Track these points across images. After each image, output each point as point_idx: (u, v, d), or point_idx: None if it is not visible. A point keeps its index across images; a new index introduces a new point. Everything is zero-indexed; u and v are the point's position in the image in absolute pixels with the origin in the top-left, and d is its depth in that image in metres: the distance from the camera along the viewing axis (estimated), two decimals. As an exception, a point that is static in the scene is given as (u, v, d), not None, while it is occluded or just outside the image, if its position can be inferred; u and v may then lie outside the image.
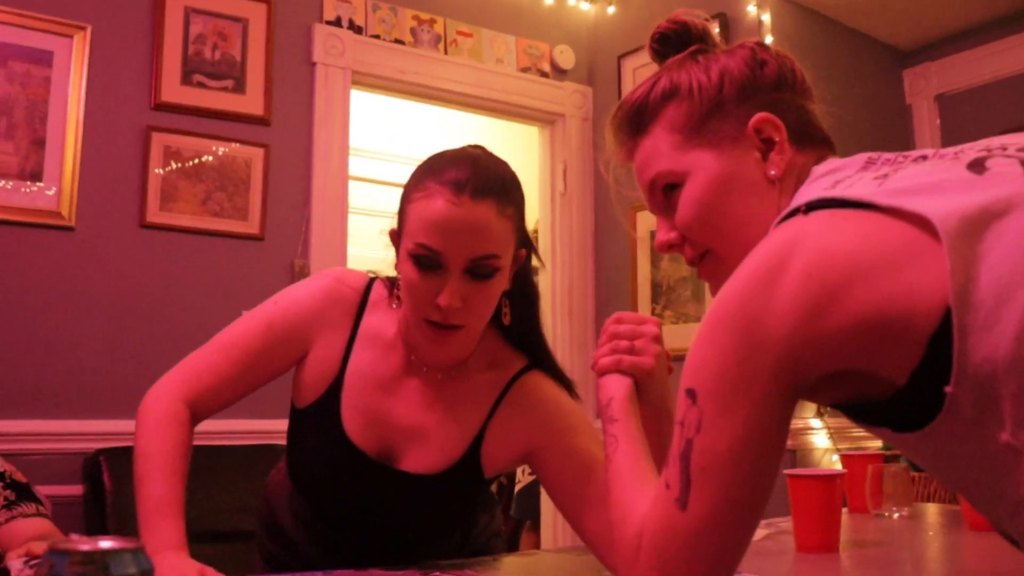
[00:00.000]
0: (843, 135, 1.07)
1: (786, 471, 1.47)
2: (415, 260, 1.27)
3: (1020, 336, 0.68)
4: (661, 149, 1.03)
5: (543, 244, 3.99)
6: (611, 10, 3.95)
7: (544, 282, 3.95)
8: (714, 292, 0.99)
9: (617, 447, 1.01)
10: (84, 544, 0.62)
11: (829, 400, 0.84)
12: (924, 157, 0.86)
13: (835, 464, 2.93)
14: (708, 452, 0.81)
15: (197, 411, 1.34)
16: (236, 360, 1.36)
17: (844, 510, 1.86)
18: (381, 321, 1.41)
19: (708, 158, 1.00)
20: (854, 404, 0.82)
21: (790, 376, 0.79)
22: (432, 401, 1.39)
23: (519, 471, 4.12)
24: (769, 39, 3.24)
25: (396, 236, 1.35)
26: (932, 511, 2.06)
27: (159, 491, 1.23)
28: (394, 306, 1.40)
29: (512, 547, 4.20)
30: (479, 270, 1.27)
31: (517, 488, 4.22)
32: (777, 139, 0.99)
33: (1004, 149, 0.82)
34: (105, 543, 0.62)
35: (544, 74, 3.91)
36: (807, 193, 0.88)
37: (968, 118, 3.66)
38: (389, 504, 1.38)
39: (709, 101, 1.01)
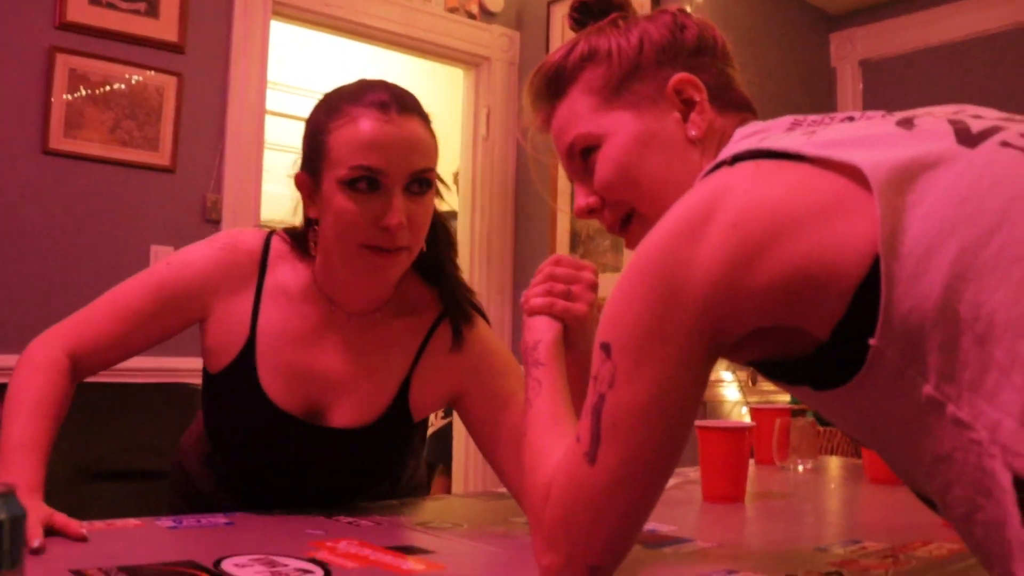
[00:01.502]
0: (768, 95, 1.06)
1: (696, 422, 1.48)
2: (352, 186, 1.22)
3: (948, 286, 0.67)
4: (579, 112, 1.01)
5: (463, 188, 3.95)
6: (542, -47, 3.88)
7: (463, 226, 3.92)
8: None
9: (540, 392, 0.99)
10: (-47, 485, 0.58)
11: (747, 358, 0.83)
12: (851, 118, 0.85)
13: (744, 417, 2.98)
14: (620, 408, 0.79)
15: (80, 364, 1.30)
16: (123, 318, 1.31)
17: (751, 461, 1.89)
18: (287, 275, 1.36)
19: (627, 119, 0.98)
20: (772, 362, 0.81)
21: (710, 333, 0.77)
22: (355, 350, 1.35)
23: (432, 414, 4.11)
24: (698, -9, 3.22)
25: (308, 179, 1.29)
26: (835, 464, 2.11)
27: (21, 431, 1.19)
28: (314, 252, 1.34)
29: (424, 491, 4.21)
30: (418, 185, 1.25)
31: (430, 432, 4.21)
32: (698, 99, 0.98)
33: (930, 113, 0.82)
34: (-26, 484, 0.58)
35: (472, 16, 3.84)
36: (732, 148, 0.86)
37: (891, 84, 3.71)
38: (319, 462, 1.34)
39: (628, 63, 0.99)
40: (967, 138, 0.75)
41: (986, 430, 0.66)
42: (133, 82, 2.94)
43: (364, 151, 1.21)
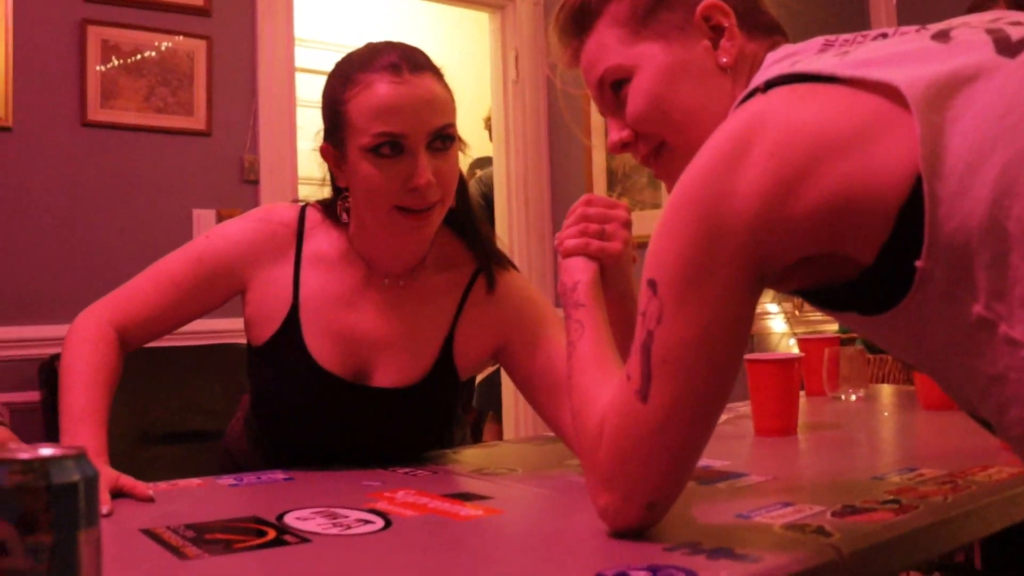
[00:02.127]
0: (798, 17, 1.04)
1: (745, 356, 1.48)
2: (376, 152, 1.23)
3: (994, 202, 0.66)
4: (608, 45, 0.99)
5: (496, 133, 3.93)
6: None
7: (499, 172, 3.91)
8: (669, 188, 0.96)
9: (583, 333, 0.99)
10: (24, 452, 0.60)
11: (792, 287, 0.83)
12: (884, 35, 0.83)
13: (792, 348, 2.96)
14: (669, 344, 0.79)
15: (126, 337, 1.33)
16: (166, 291, 1.34)
17: (802, 393, 1.89)
18: (323, 242, 1.38)
19: (656, 49, 0.97)
20: (818, 290, 0.81)
21: (755, 263, 0.77)
22: (396, 310, 1.36)
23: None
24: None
25: (333, 150, 1.30)
26: (887, 392, 2.09)
27: (81, 401, 1.22)
28: (344, 218, 1.36)
29: (476, 438, 4.25)
30: (440, 142, 1.26)
31: (479, 379, 4.25)
32: (727, 24, 0.96)
33: (967, 24, 0.79)
34: (46, 450, 0.60)
35: (495, -43, 3.79)
36: (765, 74, 0.84)
37: (925, 5, 3.61)
38: (369, 423, 1.35)
39: None
40: (1007, 47, 0.73)
41: None
42: (163, 49, 2.95)
43: (383, 117, 1.22)
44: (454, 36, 5.39)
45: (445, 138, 1.26)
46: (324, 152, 1.32)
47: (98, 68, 2.83)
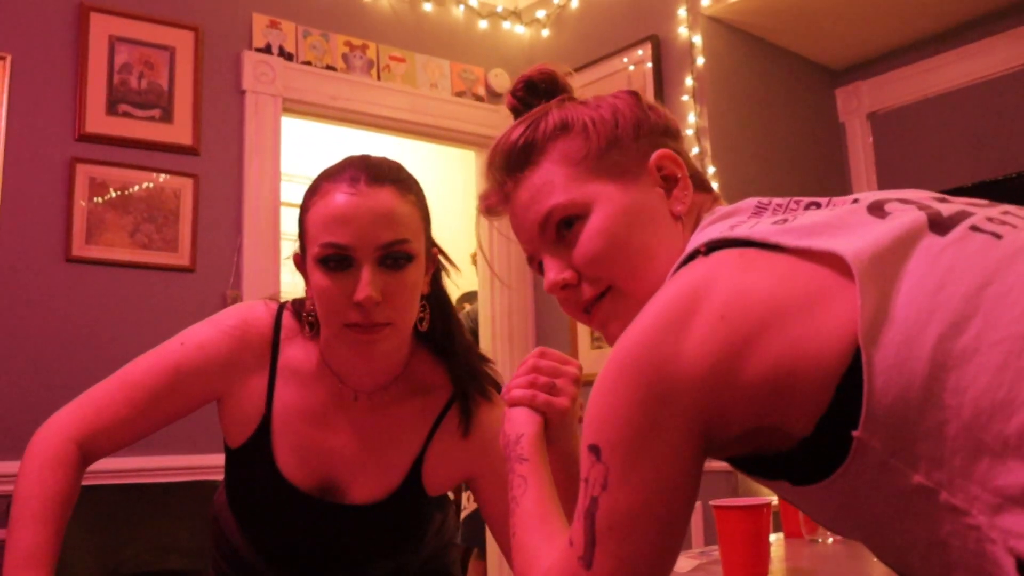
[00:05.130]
0: (778, 154, 1.07)
1: (712, 502, 1.46)
2: (323, 263, 1.21)
3: (931, 375, 0.67)
4: (555, 182, 0.98)
5: (482, 268, 3.96)
6: (545, 33, 3.94)
7: (484, 307, 3.92)
8: (609, 336, 0.95)
9: (526, 490, 0.98)
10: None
11: (727, 455, 0.81)
12: (817, 205, 0.85)
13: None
14: (614, 510, 0.77)
15: (89, 451, 1.29)
16: (136, 401, 1.30)
17: (780, 536, 1.85)
18: (298, 354, 1.37)
19: (612, 190, 0.96)
20: (751, 458, 0.79)
21: (700, 428, 0.75)
22: (367, 430, 1.36)
23: (464, 498, 4.07)
24: (701, 60, 3.25)
25: (300, 258, 1.30)
26: (867, 532, 2.05)
27: (28, 540, 1.17)
28: (308, 332, 1.35)
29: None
30: (391, 257, 1.22)
31: (463, 515, 4.17)
32: (680, 175, 0.98)
33: (902, 199, 0.81)
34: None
35: (479, 98, 3.90)
36: (704, 236, 0.85)
37: (900, 135, 3.70)
38: (334, 537, 1.35)
39: (607, 134, 0.98)
40: (938, 223, 0.75)
41: (984, 515, 0.65)
42: (150, 186, 3.00)
43: (331, 227, 1.20)
44: (439, 172, 5.49)
45: (398, 255, 1.22)
46: (295, 261, 1.32)
47: (89, 202, 2.87)
